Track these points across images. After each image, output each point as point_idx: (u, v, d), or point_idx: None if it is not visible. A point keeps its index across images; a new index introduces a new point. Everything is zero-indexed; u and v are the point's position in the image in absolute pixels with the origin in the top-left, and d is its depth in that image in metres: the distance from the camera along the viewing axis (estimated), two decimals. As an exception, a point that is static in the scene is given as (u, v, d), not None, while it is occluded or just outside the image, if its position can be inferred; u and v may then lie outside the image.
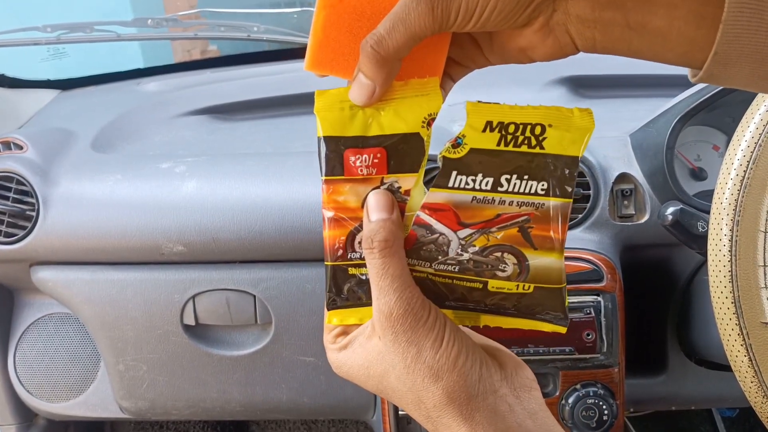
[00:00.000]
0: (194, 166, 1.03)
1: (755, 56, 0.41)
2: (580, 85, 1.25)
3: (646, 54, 0.44)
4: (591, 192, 0.95)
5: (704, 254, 0.82)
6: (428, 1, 0.41)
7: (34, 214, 1.02)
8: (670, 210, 0.78)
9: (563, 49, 0.45)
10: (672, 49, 0.43)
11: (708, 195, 0.97)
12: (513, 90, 1.13)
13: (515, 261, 0.44)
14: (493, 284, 0.46)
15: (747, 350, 0.61)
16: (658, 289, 1.04)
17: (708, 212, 0.79)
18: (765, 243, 0.61)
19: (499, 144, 0.44)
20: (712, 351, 0.97)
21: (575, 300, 0.92)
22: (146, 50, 2.10)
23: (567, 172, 0.44)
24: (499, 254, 0.44)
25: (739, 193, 0.62)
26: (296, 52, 1.40)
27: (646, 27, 0.42)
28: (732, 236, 0.62)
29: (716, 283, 0.63)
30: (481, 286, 0.46)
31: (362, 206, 0.45)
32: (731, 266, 0.61)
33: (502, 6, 0.42)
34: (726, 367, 0.99)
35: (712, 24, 0.41)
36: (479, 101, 0.45)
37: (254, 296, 1.02)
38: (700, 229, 0.78)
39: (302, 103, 1.28)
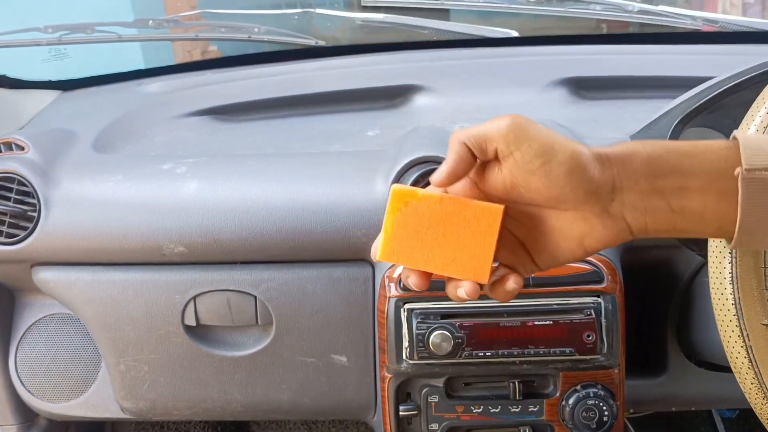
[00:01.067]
0: (195, 166, 1.03)
1: None
2: (581, 86, 1.25)
3: (690, 232, 0.54)
4: None
5: (704, 256, 0.82)
6: (508, 124, 0.53)
7: (35, 214, 1.02)
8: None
9: (620, 234, 0.55)
10: (709, 224, 0.53)
11: (708, 196, 0.98)
12: (514, 91, 1.13)
13: None
14: None
15: (747, 352, 0.61)
16: (659, 291, 1.04)
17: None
18: (765, 245, 0.61)
19: None
20: (712, 352, 0.97)
21: (575, 301, 0.92)
22: (147, 51, 2.10)
23: None
24: None
25: (739, 195, 0.62)
26: (297, 53, 1.41)
27: (686, 211, 0.53)
28: (732, 238, 0.62)
29: (716, 284, 0.63)
30: None
31: None
32: (731, 268, 0.62)
33: (566, 167, 0.51)
34: (726, 369, 0.99)
35: (735, 200, 0.51)
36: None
37: (255, 297, 1.03)
38: (701, 230, 0.78)
39: (303, 104, 1.28)
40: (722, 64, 0.92)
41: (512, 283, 0.56)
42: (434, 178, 0.55)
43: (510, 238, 0.57)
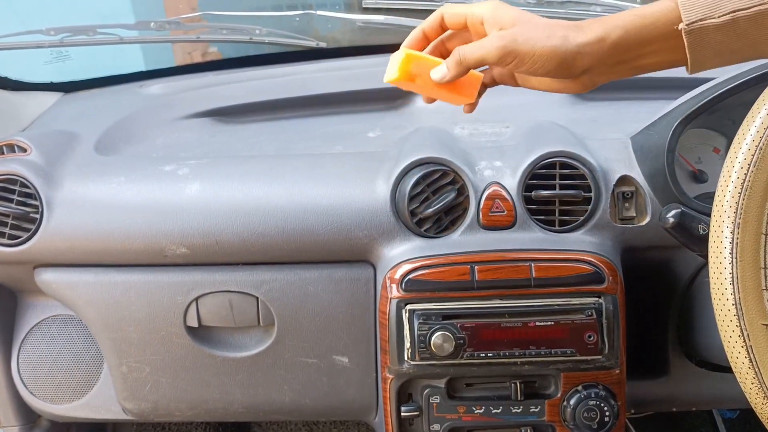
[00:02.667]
0: (197, 168, 1.04)
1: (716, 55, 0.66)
2: (581, 87, 1.25)
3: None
4: (592, 194, 0.95)
5: (705, 256, 0.82)
6: (501, 47, 0.68)
7: (37, 216, 1.02)
8: (671, 212, 0.78)
9: (587, 87, 0.72)
10: (664, 68, 0.69)
11: (709, 197, 0.98)
12: (514, 92, 1.13)
13: None
14: None
15: (748, 351, 0.61)
16: (659, 291, 1.05)
17: (709, 214, 0.79)
18: (766, 245, 0.61)
19: None
20: (713, 352, 0.98)
21: (576, 302, 0.92)
22: (147, 53, 2.10)
23: None
24: None
25: (740, 196, 0.62)
26: (298, 55, 1.41)
27: (645, 67, 0.69)
28: (733, 238, 0.62)
29: (717, 284, 0.63)
30: None
31: None
32: (732, 268, 0.62)
33: (548, 66, 0.68)
34: (727, 369, 0.99)
35: (683, 50, 0.65)
36: None
37: (257, 298, 1.03)
38: (701, 231, 0.78)
39: (304, 105, 1.28)
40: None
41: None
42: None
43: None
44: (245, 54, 1.49)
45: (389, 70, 0.74)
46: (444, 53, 0.76)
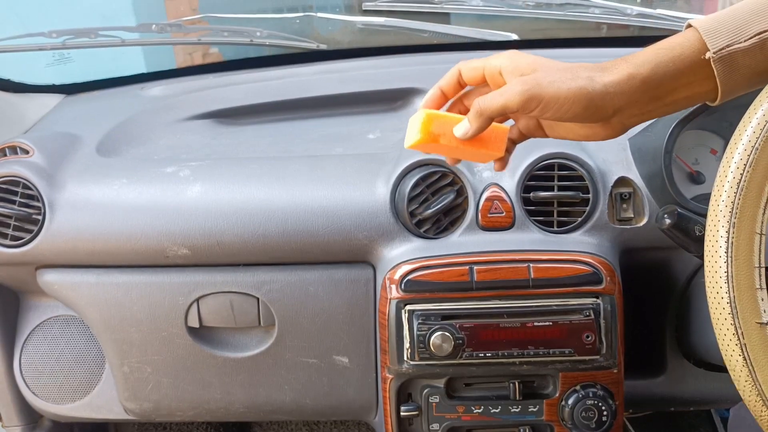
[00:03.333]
0: (198, 170, 1.04)
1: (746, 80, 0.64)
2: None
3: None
4: (590, 195, 0.96)
5: (702, 257, 0.83)
6: (524, 91, 0.63)
7: (40, 217, 1.03)
8: (668, 214, 0.79)
9: (619, 132, 0.68)
10: (696, 102, 0.66)
11: (705, 198, 0.99)
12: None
13: None
14: None
15: (742, 349, 0.62)
16: (657, 292, 1.05)
17: (705, 216, 0.80)
18: (761, 245, 0.62)
19: None
20: (710, 352, 0.98)
21: (575, 302, 0.93)
22: (148, 55, 2.11)
23: None
24: None
25: (735, 196, 0.63)
26: (298, 57, 1.42)
27: (678, 102, 0.65)
28: (728, 238, 0.63)
29: (712, 283, 0.64)
30: None
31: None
32: (727, 267, 0.62)
33: (576, 109, 0.63)
34: (724, 368, 1.00)
35: (713, 79, 0.63)
36: None
37: (257, 299, 1.04)
38: (698, 232, 0.79)
39: (304, 107, 1.29)
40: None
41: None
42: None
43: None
44: (246, 56, 1.49)
45: (410, 134, 0.69)
46: (464, 111, 0.72)
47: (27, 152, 1.07)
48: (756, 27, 0.62)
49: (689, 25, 0.64)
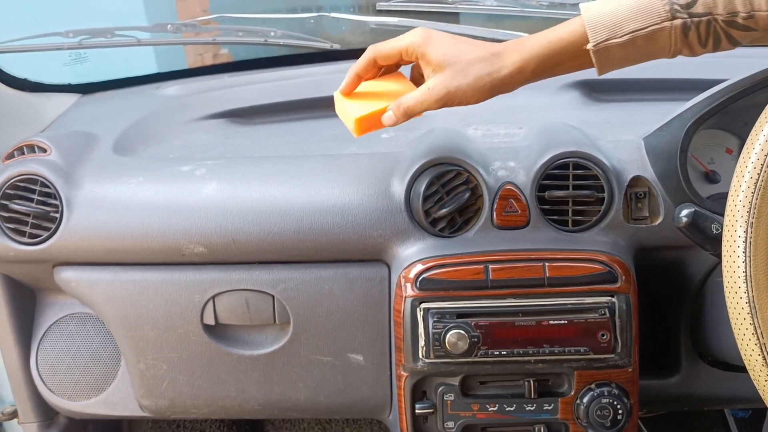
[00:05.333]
0: (214, 168, 1.05)
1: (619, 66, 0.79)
2: (594, 89, 1.27)
3: None
4: (605, 195, 0.96)
5: (718, 255, 0.83)
6: (439, 99, 0.81)
7: (57, 215, 1.04)
8: (685, 212, 0.79)
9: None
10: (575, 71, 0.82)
11: (721, 198, 0.99)
12: (527, 94, 1.13)
13: None
14: None
15: (761, 350, 0.62)
16: (672, 291, 1.05)
17: (722, 214, 0.80)
18: (779, 244, 0.62)
19: None
20: (725, 352, 0.98)
21: (590, 301, 0.93)
22: (160, 55, 2.12)
23: None
24: None
25: (753, 196, 0.63)
26: (312, 57, 1.42)
27: (558, 75, 0.83)
28: (746, 237, 0.63)
29: (731, 283, 0.64)
30: None
31: None
32: (745, 267, 0.63)
33: (480, 100, 0.82)
34: (739, 368, 1.00)
35: (592, 63, 0.79)
36: None
37: (273, 296, 1.04)
38: (714, 230, 0.78)
39: (318, 106, 1.29)
40: (735, 67, 0.93)
41: None
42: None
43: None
44: (259, 56, 1.50)
45: (349, 127, 0.88)
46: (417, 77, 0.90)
47: (44, 151, 1.08)
48: (631, 26, 0.75)
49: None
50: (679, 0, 0.74)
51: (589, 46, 0.77)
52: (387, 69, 0.91)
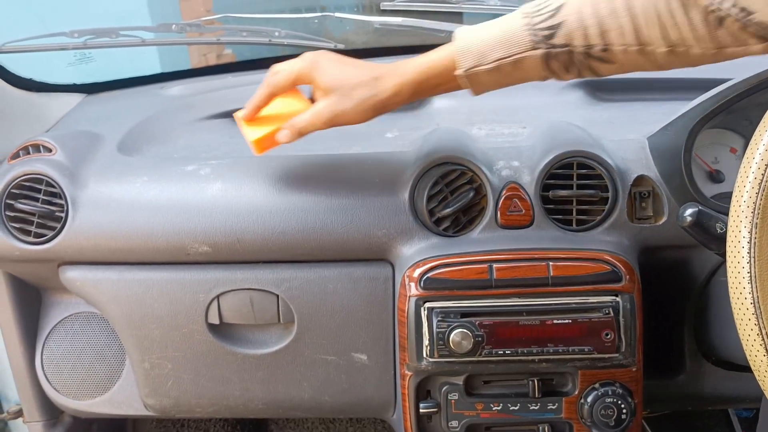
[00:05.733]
0: (219, 168, 1.05)
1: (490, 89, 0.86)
2: (598, 88, 1.27)
3: None
4: (609, 194, 0.96)
5: (723, 255, 0.83)
6: (327, 121, 0.90)
7: (63, 215, 1.04)
8: (689, 211, 0.79)
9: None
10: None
11: (725, 197, 0.99)
12: (531, 93, 1.14)
13: None
14: None
15: (766, 350, 0.62)
16: (676, 291, 1.05)
17: (726, 214, 0.80)
18: (784, 244, 0.62)
19: None
20: (730, 351, 0.98)
21: (594, 300, 0.93)
22: (163, 55, 2.13)
23: None
24: None
25: (757, 196, 0.63)
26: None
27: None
28: (750, 238, 0.63)
29: (735, 283, 0.64)
30: None
31: None
32: (750, 267, 0.63)
33: (364, 120, 0.91)
34: (744, 368, 1.00)
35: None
36: None
37: (277, 296, 1.04)
38: (719, 230, 0.78)
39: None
40: (740, 67, 0.93)
41: None
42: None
43: None
44: (263, 56, 1.51)
45: (250, 147, 0.95)
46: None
47: (50, 150, 1.09)
48: (496, 54, 0.81)
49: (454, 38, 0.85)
50: (541, 31, 0.79)
51: (457, 72, 0.83)
52: None
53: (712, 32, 0.74)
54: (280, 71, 0.92)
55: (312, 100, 0.95)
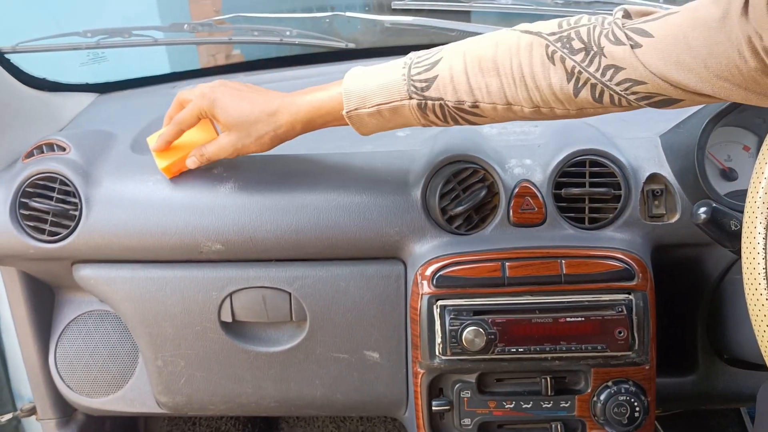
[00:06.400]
0: (231, 167, 1.06)
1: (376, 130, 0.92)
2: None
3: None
4: (622, 192, 0.96)
5: (737, 252, 0.83)
6: (232, 152, 0.97)
7: (77, 213, 1.05)
8: (704, 208, 0.79)
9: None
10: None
11: (738, 195, 0.99)
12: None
13: None
14: None
15: (781, 347, 0.62)
16: (689, 289, 1.05)
17: (740, 211, 0.80)
18: (799, 241, 0.62)
19: None
20: (743, 350, 0.98)
21: (607, 298, 0.93)
22: (172, 55, 2.14)
23: None
24: None
25: (772, 193, 0.63)
26: (327, 56, 1.43)
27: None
28: (766, 234, 0.63)
29: (750, 281, 0.64)
30: None
31: None
32: (765, 263, 0.62)
33: (261, 149, 0.96)
34: (757, 366, 0.99)
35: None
36: None
37: (290, 294, 1.05)
38: (733, 227, 0.78)
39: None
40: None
41: None
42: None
43: None
44: (273, 55, 1.51)
45: (160, 166, 1.02)
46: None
47: (63, 149, 1.09)
48: (377, 99, 0.86)
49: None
50: (417, 83, 0.84)
51: (343, 113, 0.89)
52: None
53: (569, 96, 0.78)
54: (185, 110, 0.98)
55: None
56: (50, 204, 1.05)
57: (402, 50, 1.43)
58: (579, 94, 0.77)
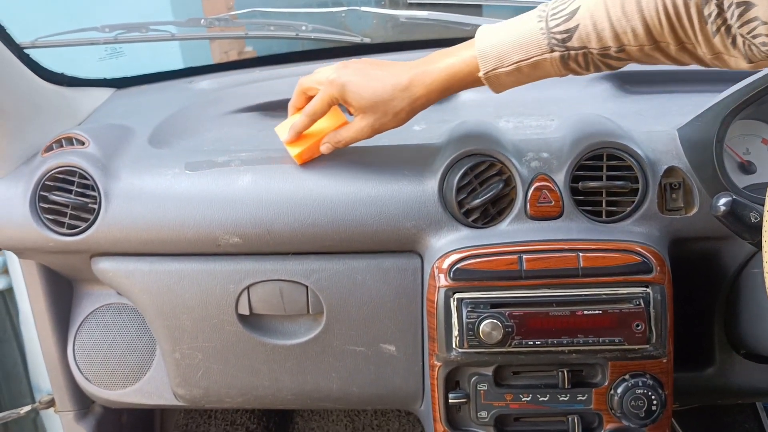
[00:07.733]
0: (248, 161, 1.06)
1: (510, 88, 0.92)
2: (626, 81, 1.26)
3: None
4: (639, 185, 0.96)
5: (756, 244, 0.83)
6: (370, 134, 0.97)
7: (95, 206, 1.06)
8: (723, 200, 0.78)
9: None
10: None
11: (757, 188, 0.98)
12: (560, 85, 1.14)
13: None
14: None
15: (803, 338, 0.61)
16: (706, 282, 1.05)
17: (759, 204, 0.79)
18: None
19: None
20: (761, 344, 0.98)
21: (624, 291, 0.93)
22: (185, 50, 2.14)
23: None
24: None
25: (793, 185, 0.63)
26: (343, 51, 1.43)
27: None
28: (787, 226, 0.63)
29: (770, 273, 0.64)
30: None
31: None
32: (786, 256, 0.62)
33: (399, 125, 0.97)
34: (776, 360, 0.99)
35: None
36: None
37: (307, 287, 1.05)
38: (753, 219, 0.78)
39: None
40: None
41: None
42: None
43: None
44: (289, 50, 1.51)
45: (293, 154, 1.02)
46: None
47: (82, 143, 1.10)
48: (516, 57, 0.85)
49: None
50: (557, 35, 0.83)
51: (480, 74, 0.88)
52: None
53: (708, 35, 0.76)
54: (316, 100, 0.97)
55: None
56: (69, 197, 1.06)
57: (419, 45, 1.44)
58: (715, 37, 0.75)
